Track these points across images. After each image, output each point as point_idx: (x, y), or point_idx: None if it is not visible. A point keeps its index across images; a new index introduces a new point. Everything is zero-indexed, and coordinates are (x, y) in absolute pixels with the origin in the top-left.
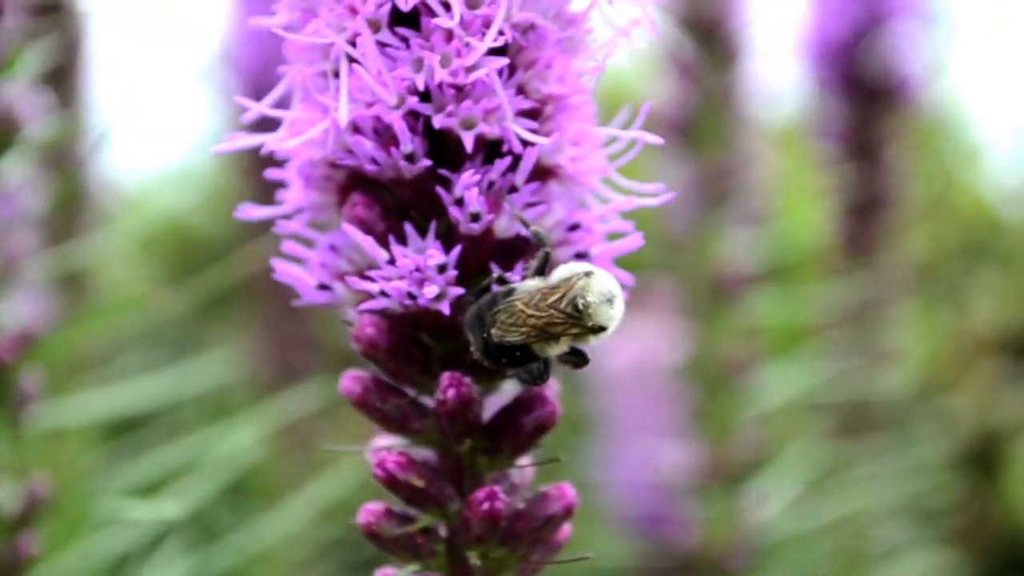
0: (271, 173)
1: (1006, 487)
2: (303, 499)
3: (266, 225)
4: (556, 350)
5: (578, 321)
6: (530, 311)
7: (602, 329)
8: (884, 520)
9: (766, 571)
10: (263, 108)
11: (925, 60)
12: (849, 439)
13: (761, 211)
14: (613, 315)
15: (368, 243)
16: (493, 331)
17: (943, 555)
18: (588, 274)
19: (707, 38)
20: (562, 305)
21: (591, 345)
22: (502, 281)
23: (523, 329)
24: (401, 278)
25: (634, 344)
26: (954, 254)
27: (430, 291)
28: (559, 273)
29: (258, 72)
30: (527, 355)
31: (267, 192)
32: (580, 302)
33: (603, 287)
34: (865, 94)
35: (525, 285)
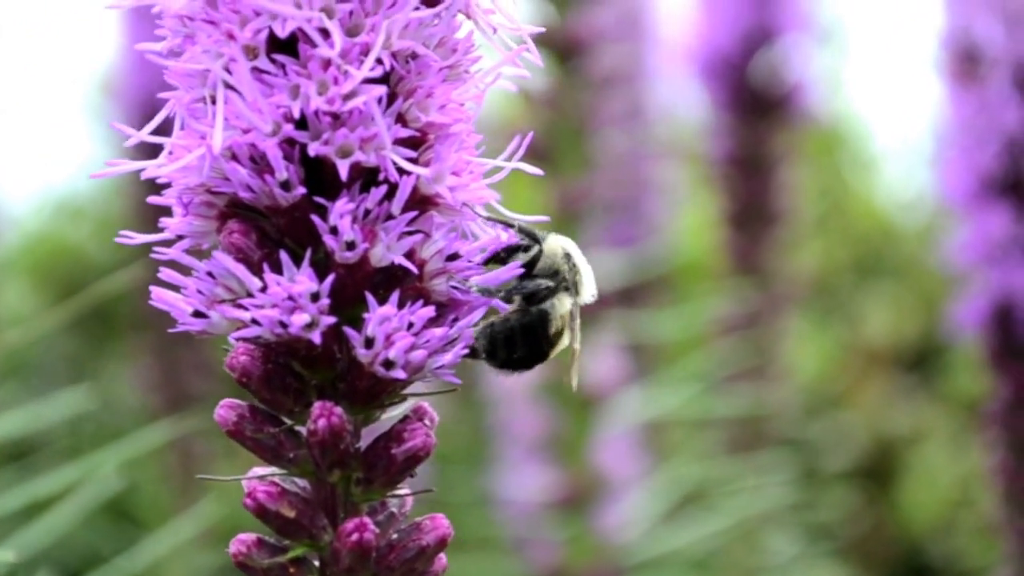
0: (152, 199)
1: (900, 498)
2: (184, 524)
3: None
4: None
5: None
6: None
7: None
8: (773, 533)
9: None
10: (142, 135)
11: (816, 73)
12: (738, 453)
13: (641, 229)
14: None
15: (240, 270)
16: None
17: (837, 568)
18: (567, 256)
19: (566, 59)
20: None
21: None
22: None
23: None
24: (273, 306)
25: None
26: (848, 267)
27: (299, 319)
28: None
29: (148, 99)
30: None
31: (156, 219)
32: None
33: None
34: (754, 108)
35: (564, 304)
